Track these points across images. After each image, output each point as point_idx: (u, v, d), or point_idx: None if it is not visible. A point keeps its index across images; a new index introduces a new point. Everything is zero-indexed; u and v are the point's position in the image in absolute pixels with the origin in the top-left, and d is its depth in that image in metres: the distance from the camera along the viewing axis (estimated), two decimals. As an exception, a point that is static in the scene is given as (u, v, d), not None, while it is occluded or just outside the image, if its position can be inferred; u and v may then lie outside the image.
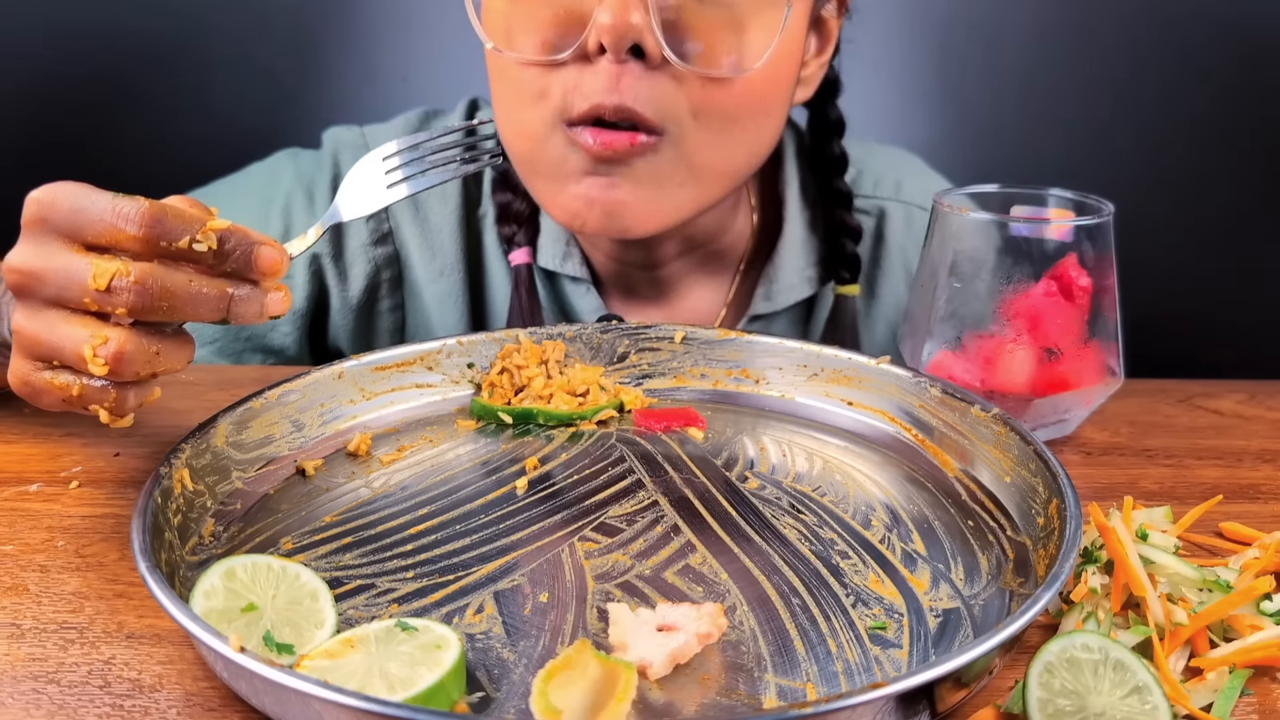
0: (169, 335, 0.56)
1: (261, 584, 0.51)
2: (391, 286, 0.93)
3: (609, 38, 0.69)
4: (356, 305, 0.93)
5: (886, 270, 0.96)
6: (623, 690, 0.44)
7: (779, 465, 0.68)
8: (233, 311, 0.55)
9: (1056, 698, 0.45)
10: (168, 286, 0.53)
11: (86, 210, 0.53)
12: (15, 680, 0.49)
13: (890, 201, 0.96)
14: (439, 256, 0.92)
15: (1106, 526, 0.54)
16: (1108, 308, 0.73)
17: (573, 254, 0.90)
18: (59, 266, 0.53)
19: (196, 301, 0.54)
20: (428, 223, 0.91)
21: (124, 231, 0.52)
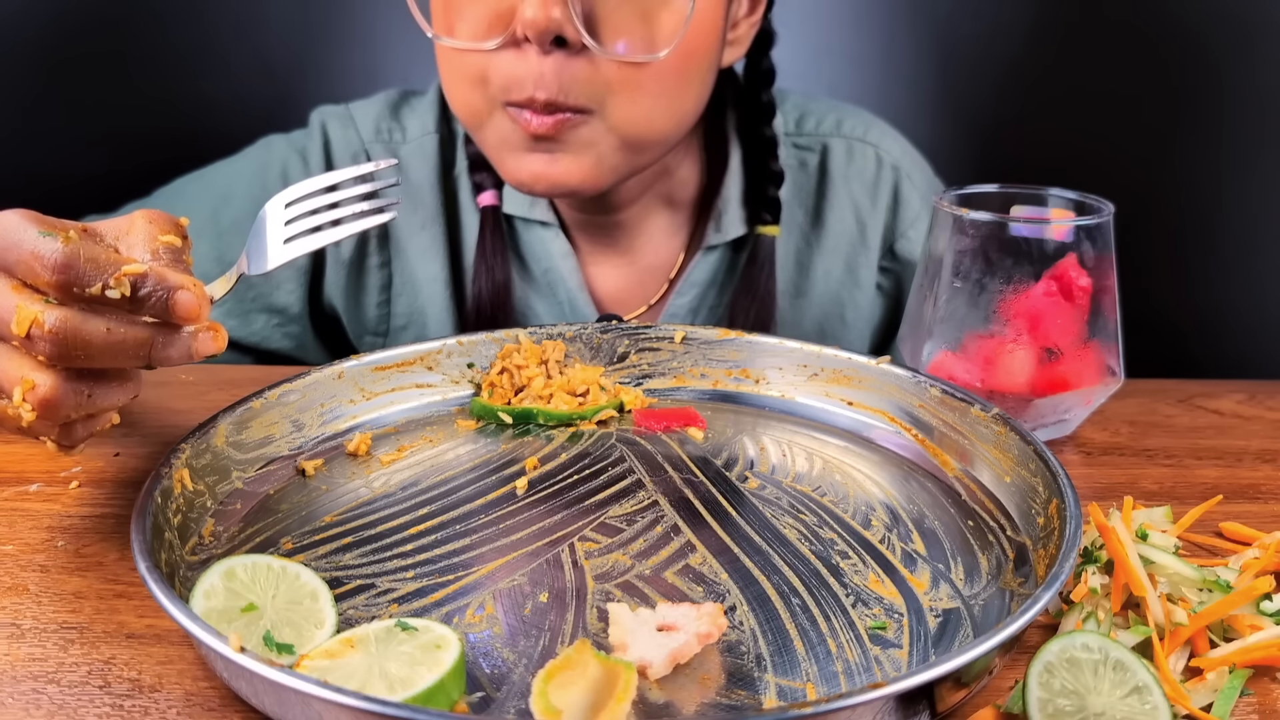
0: (104, 376, 0.54)
1: (261, 584, 0.51)
2: (379, 244, 0.97)
3: (533, 31, 0.75)
4: (348, 261, 0.97)
5: (833, 202, 1.00)
6: (623, 690, 0.44)
7: (779, 465, 0.68)
8: (155, 357, 0.53)
9: (1056, 698, 0.45)
10: (84, 336, 0.51)
11: (13, 249, 0.51)
12: (15, 680, 0.49)
13: (832, 137, 1.01)
14: (420, 210, 0.96)
15: (1106, 526, 0.54)
16: (1108, 308, 0.73)
17: (539, 201, 0.95)
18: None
19: (115, 350, 0.52)
20: (409, 180, 0.96)
21: (40, 275, 0.51)
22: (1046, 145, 1.31)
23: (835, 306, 1.01)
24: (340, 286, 0.97)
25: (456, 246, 0.97)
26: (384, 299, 0.98)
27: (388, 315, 0.98)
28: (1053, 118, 1.31)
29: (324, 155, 0.96)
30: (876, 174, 1.01)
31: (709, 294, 0.98)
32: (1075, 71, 1.30)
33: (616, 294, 0.98)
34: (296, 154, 0.96)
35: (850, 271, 1.00)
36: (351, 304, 0.98)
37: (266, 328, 0.96)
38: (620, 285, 0.98)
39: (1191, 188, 1.31)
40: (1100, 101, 1.30)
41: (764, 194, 0.96)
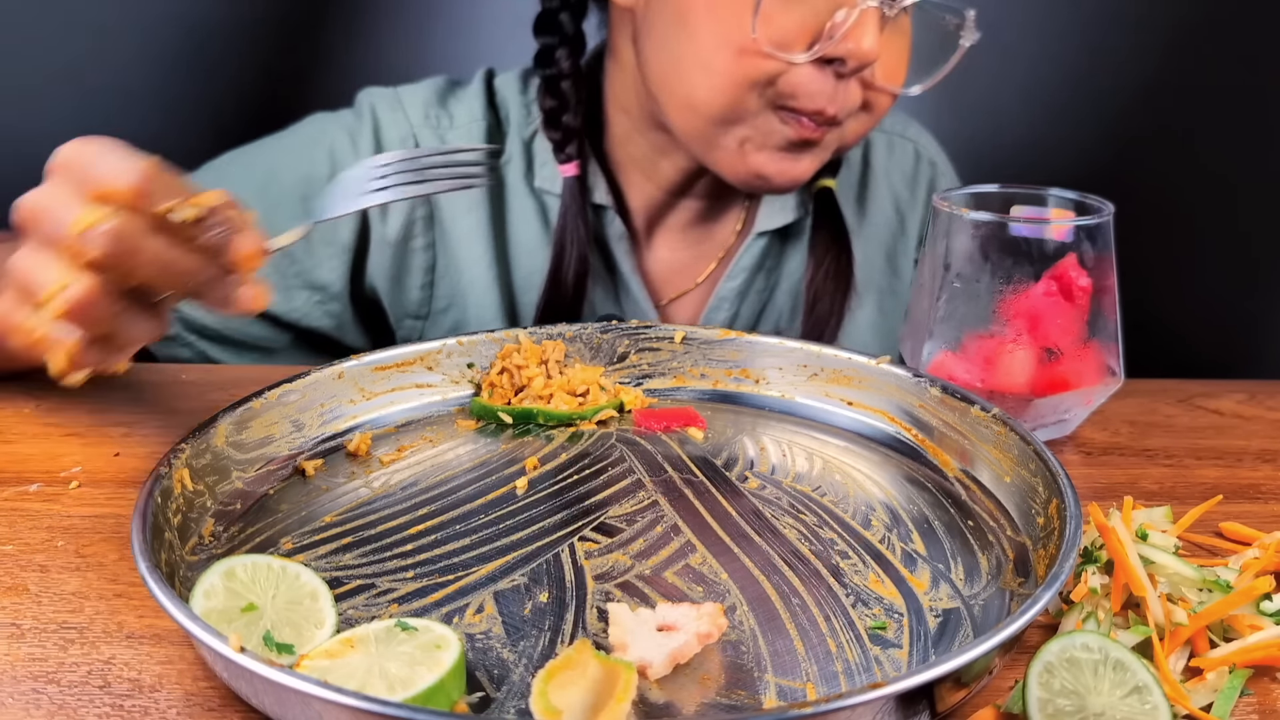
0: (139, 304, 0.56)
1: (261, 584, 0.51)
2: (425, 225, 0.97)
3: (857, 61, 0.79)
4: (394, 242, 0.96)
5: (874, 193, 1.04)
6: (623, 690, 0.44)
7: (779, 465, 0.68)
8: (199, 290, 0.55)
9: (1056, 698, 0.45)
10: (140, 245, 0.53)
11: (96, 165, 0.54)
12: (15, 680, 0.49)
13: (874, 132, 1.03)
14: (466, 194, 0.97)
15: (1106, 526, 0.54)
16: (1108, 308, 0.73)
17: (599, 183, 0.96)
18: (58, 208, 0.54)
19: (162, 268, 0.54)
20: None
21: (116, 186, 0.53)
22: (1046, 145, 1.31)
23: (876, 294, 1.03)
24: (384, 267, 0.97)
25: (501, 231, 0.98)
26: (427, 281, 0.98)
27: (430, 298, 0.98)
28: (1054, 118, 1.31)
29: (374, 138, 0.96)
30: (915, 168, 1.05)
31: (757, 279, 1.00)
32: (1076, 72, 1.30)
33: (668, 276, 1.00)
34: (346, 135, 0.96)
35: (889, 260, 1.03)
36: (394, 285, 0.98)
37: (307, 304, 0.96)
38: (673, 268, 1.01)
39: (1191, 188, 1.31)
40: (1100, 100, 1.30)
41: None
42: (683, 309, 1.01)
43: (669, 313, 1.01)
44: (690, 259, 1.01)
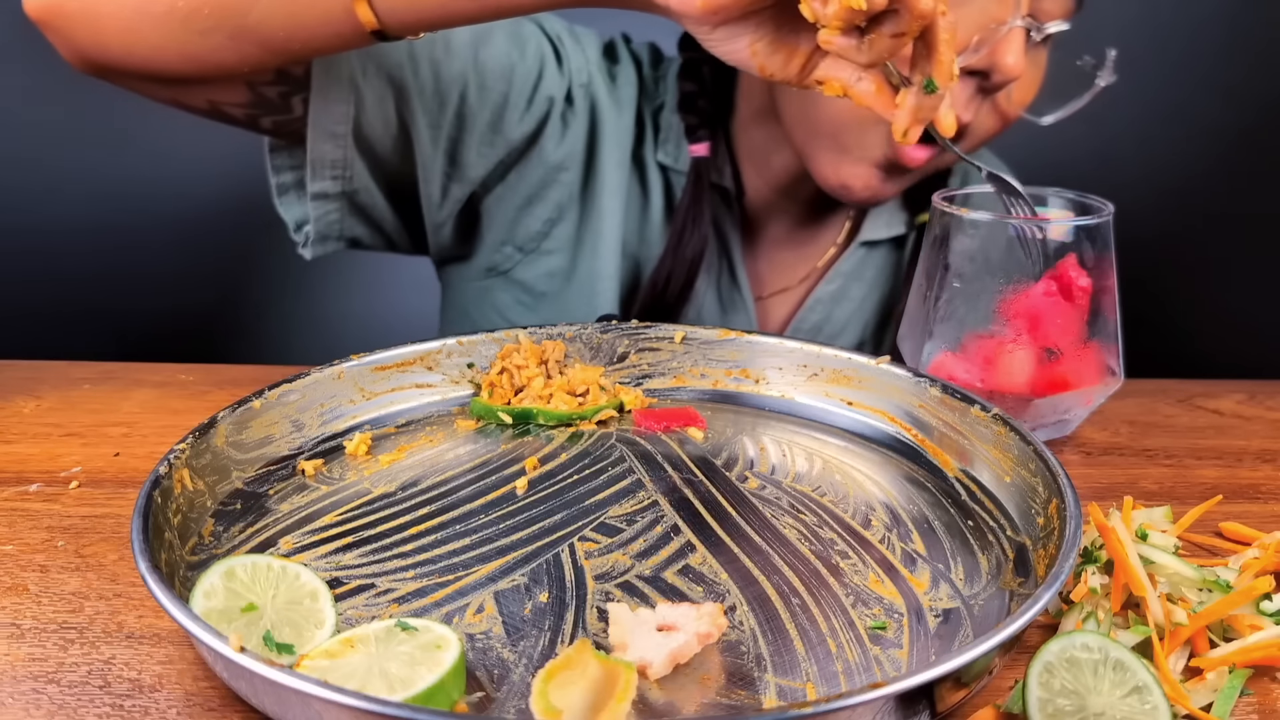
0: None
1: (261, 584, 0.51)
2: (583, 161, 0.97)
3: (1002, 76, 0.80)
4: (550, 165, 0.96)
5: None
6: (623, 690, 0.44)
7: (779, 465, 0.68)
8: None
9: (1056, 698, 0.45)
10: None
11: None
12: (15, 680, 0.49)
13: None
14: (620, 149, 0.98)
15: (1106, 526, 0.54)
16: (1108, 308, 0.73)
17: (727, 171, 0.97)
18: None
19: None
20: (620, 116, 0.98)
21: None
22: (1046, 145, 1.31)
23: None
24: (526, 184, 0.96)
25: (636, 197, 0.99)
26: (554, 217, 0.97)
27: (546, 235, 0.98)
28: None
29: (566, 64, 0.96)
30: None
31: (851, 286, 1.02)
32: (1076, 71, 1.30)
33: (770, 271, 1.02)
34: (550, 44, 0.95)
35: None
36: (524, 207, 0.97)
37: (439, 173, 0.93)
38: (776, 265, 1.02)
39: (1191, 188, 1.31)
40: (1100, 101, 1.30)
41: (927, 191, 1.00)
42: (778, 306, 1.03)
43: (765, 307, 1.02)
44: (793, 259, 1.02)
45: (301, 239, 0.91)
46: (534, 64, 0.93)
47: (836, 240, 1.03)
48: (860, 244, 1.01)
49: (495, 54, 0.91)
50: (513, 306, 1.00)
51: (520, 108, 0.92)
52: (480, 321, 1.02)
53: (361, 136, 0.88)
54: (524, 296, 0.99)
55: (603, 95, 0.96)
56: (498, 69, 0.91)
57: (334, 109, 0.84)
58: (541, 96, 0.93)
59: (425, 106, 0.89)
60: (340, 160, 0.87)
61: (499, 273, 0.99)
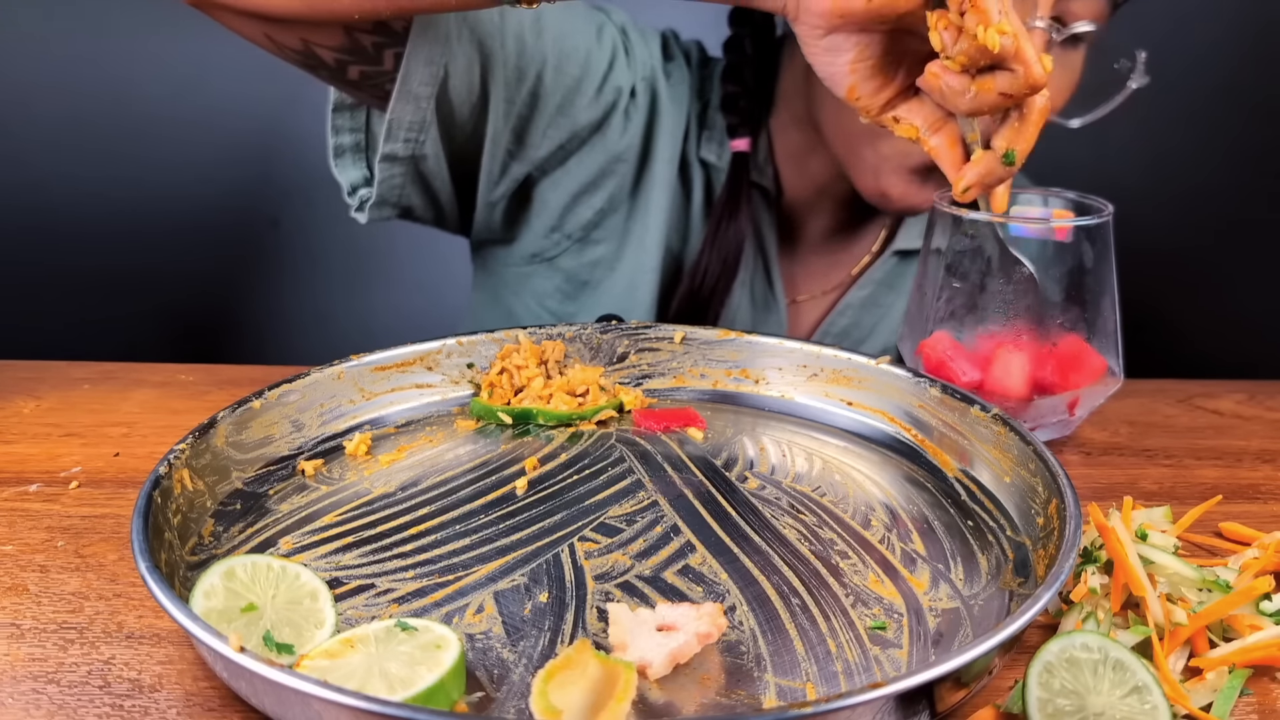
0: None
1: (261, 584, 0.51)
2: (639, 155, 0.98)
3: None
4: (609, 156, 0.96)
5: None
6: (623, 690, 0.44)
7: (779, 465, 0.68)
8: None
9: (1056, 698, 0.45)
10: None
11: None
12: (15, 680, 0.49)
13: None
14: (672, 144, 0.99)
15: (1106, 526, 0.54)
16: (1107, 308, 0.73)
17: (767, 171, 0.99)
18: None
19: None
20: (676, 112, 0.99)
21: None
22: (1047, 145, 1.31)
23: None
24: (584, 172, 0.97)
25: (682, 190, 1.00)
26: (605, 207, 0.98)
27: (595, 225, 0.98)
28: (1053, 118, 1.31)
29: (634, 57, 0.97)
30: None
31: (882, 294, 1.02)
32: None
33: (805, 274, 1.03)
34: (621, 36, 0.96)
35: None
36: (578, 194, 0.97)
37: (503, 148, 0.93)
38: (811, 268, 1.03)
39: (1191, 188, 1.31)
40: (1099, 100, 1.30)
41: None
42: (810, 311, 1.03)
43: (797, 311, 1.03)
44: (827, 265, 1.03)
45: (355, 202, 0.90)
46: (607, 53, 0.94)
47: (872, 248, 1.03)
48: (893, 253, 1.01)
49: (576, 39, 0.92)
50: (552, 294, 1.00)
51: (590, 94, 0.93)
52: (515, 307, 1.02)
53: (445, 100, 0.87)
54: (565, 285, 1.00)
55: (663, 91, 0.98)
56: (576, 53, 0.92)
57: (424, 70, 0.83)
58: (611, 86, 0.94)
59: (506, 79, 0.89)
60: (418, 123, 0.86)
61: (544, 259, 1.00)
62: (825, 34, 0.59)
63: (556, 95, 0.91)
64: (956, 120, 0.60)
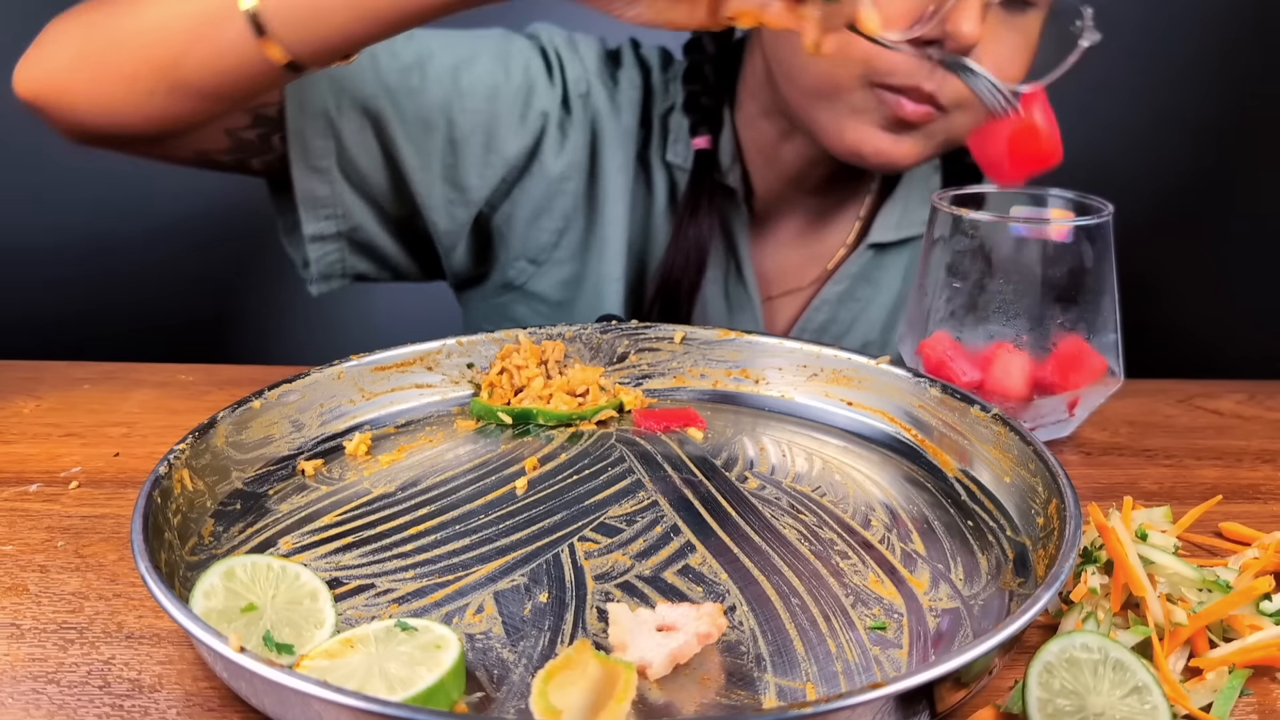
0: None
1: (261, 584, 0.51)
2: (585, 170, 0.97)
3: (957, 44, 0.78)
4: (553, 178, 0.96)
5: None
6: (623, 690, 0.44)
7: (779, 465, 0.68)
8: None
9: (1056, 698, 0.45)
10: None
11: None
12: (15, 680, 0.49)
13: None
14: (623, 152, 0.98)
15: (1106, 526, 0.54)
16: (1107, 308, 0.73)
17: (735, 169, 0.98)
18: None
19: None
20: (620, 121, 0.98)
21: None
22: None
23: None
24: (532, 198, 0.97)
25: (641, 197, 1.00)
26: (562, 227, 0.98)
27: (556, 245, 0.98)
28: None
29: (560, 74, 0.97)
30: None
31: (858, 288, 1.01)
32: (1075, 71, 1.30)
33: (779, 271, 1.02)
34: (541, 58, 0.96)
35: None
36: (531, 220, 0.98)
37: (440, 199, 0.94)
38: (784, 266, 1.02)
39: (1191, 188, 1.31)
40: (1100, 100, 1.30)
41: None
42: (785, 307, 1.03)
43: (772, 308, 1.02)
44: (802, 260, 1.02)
45: (308, 277, 0.93)
46: (521, 80, 0.94)
47: (846, 242, 1.03)
48: (868, 246, 1.01)
49: (478, 76, 0.92)
50: (531, 318, 1.00)
51: (513, 124, 0.93)
52: None
53: (350, 171, 0.89)
54: (540, 307, 1.00)
55: (602, 102, 0.97)
56: (482, 90, 0.92)
57: (313, 144, 0.86)
58: (534, 111, 0.94)
59: (409, 135, 0.89)
60: (329, 197, 0.89)
61: (515, 287, 1.00)
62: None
63: (478, 134, 0.92)
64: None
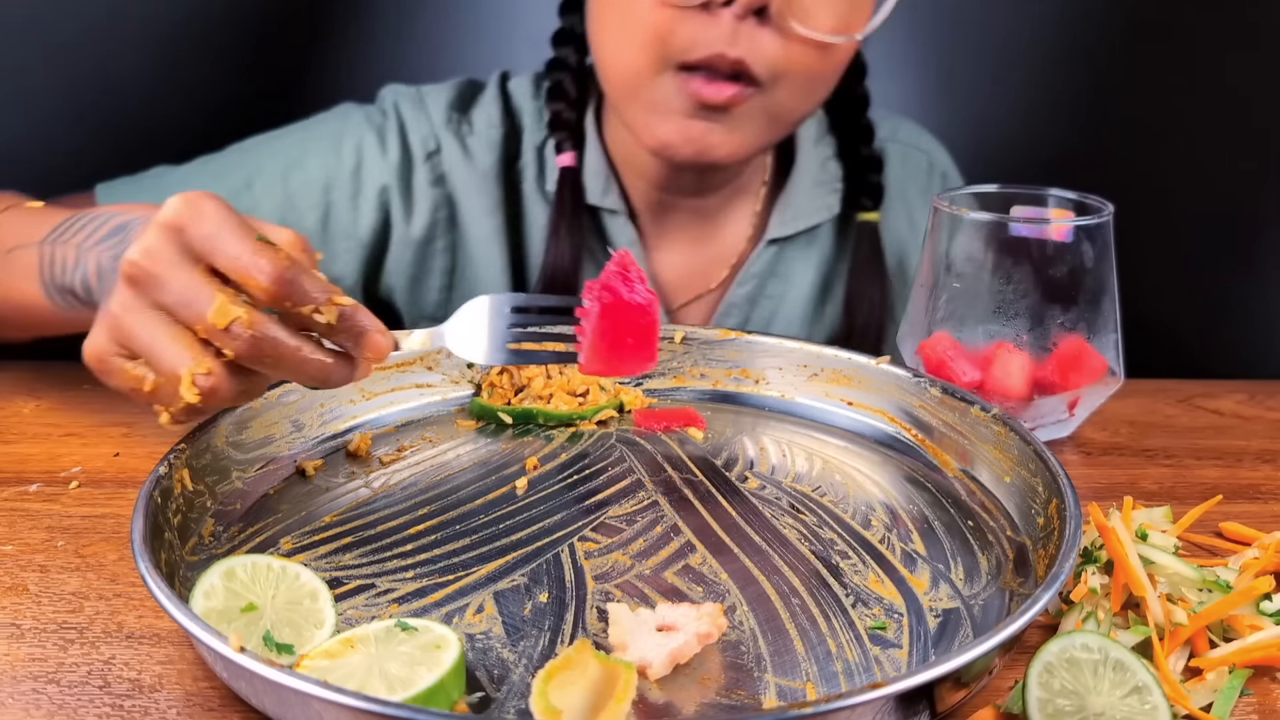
0: (257, 375, 0.56)
1: (261, 584, 0.51)
2: (446, 226, 0.97)
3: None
4: (416, 242, 0.96)
5: (886, 206, 1.02)
6: (623, 690, 0.44)
7: (779, 465, 0.68)
8: (328, 382, 0.56)
9: (1056, 698, 0.45)
10: (278, 348, 0.53)
11: (225, 242, 0.53)
12: (15, 680, 0.49)
13: (889, 143, 1.03)
14: (486, 196, 0.97)
15: (1106, 526, 0.54)
16: (1108, 308, 0.73)
17: (612, 189, 0.96)
18: (184, 284, 0.53)
19: (299, 367, 0.54)
20: (475, 167, 0.97)
21: (254, 280, 0.52)
22: (1046, 145, 1.31)
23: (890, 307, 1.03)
24: (404, 266, 0.97)
25: (518, 235, 0.98)
26: (446, 283, 0.98)
27: (448, 300, 0.98)
28: (1053, 117, 1.31)
29: (400, 137, 0.96)
30: (928, 180, 1.05)
31: (768, 284, 0.99)
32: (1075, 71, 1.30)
33: (680, 281, 1.00)
34: (374, 131, 0.96)
35: (902, 271, 1.03)
36: (413, 285, 0.98)
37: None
38: (684, 272, 1.00)
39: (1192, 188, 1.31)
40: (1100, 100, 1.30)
41: (863, 181, 0.98)
42: (694, 314, 1.01)
43: (680, 317, 1.01)
44: (702, 264, 1.00)
45: None
46: (352, 162, 0.94)
47: (748, 235, 1.00)
48: (769, 242, 0.98)
49: (309, 173, 0.93)
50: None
51: (351, 207, 0.93)
52: None
53: None
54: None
55: (453, 153, 0.96)
56: (317, 184, 0.93)
57: None
58: (370, 188, 0.93)
59: None
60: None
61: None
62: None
63: (317, 229, 0.92)
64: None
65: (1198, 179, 1.30)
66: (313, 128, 0.98)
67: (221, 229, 0.53)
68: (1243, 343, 1.32)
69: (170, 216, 0.54)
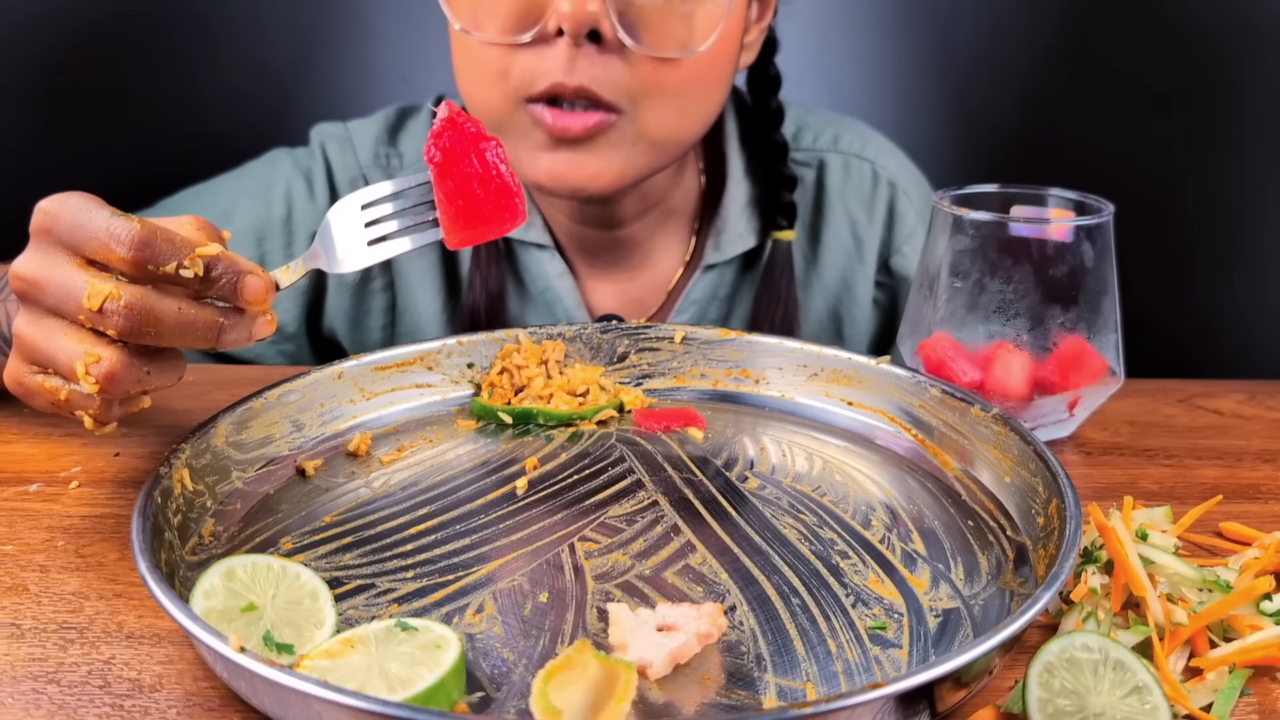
0: (161, 355, 0.56)
1: (261, 584, 0.51)
2: (382, 266, 0.97)
3: (568, 24, 0.74)
4: (352, 285, 0.97)
5: (829, 218, 1.00)
6: (623, 690, 0.44)
7: (779, 465, 0.68)
8: (221, 340, 0.56)
9: (1056, 698, 0.45)
10: (156, 313, 0.53)
11: (85, 226, 0.54)
12: (15, 680, 0.49)
13: (829, 153, 1.01)
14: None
15: (1106, 526, 0.54)
16: (1108, 308, 0.73)
17: (535, 222, 0.94)
18: (59, 280, 0.54)
19: (184, 329, 0.54)
20: None
21: (114, 252, 0.53)
22: (1046, 145, 1.31)
23: (832, 321, 1.02)
24: (343, 310, 0.97)
25: (453, 269, 0.98)
26: (387, 321, 0.98)
27: (392, 337, 0.99)
28: (1053, 117, 1.31)
29: (327, 180, 0.96)
30: (873, 190, 1.01)
31: (709, 308, 0.98)
32: (1075, 71, 1.30)
33: (616, 309, 0.98)
34: (301, 175, 0.96)
35: (847, 287, 1.01)
36: (354, 327, 0.98)
37: (261, 344, 0.96)
38: (619, 302, 0.98)
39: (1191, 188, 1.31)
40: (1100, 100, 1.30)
41: (776, 200, 0.96)
42: None
43: None
44: (637, 292, 0.98)
45: None
46: (281, 209, 0.94)
47: (683, 261, 0.98)
48: (705, 268, 0.96)
49: (240, 225, 0.93)
50: None
51: (283, 256, 0.93)
52: None
53: None
54: None
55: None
56: (249, 236, 0.93)
57: None
58: (300, 234, 0.94)
59: None
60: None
61: None
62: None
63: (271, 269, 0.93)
64: None
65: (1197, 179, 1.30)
66: (241, 177, 0.98)
67: (80, 216, 0.54)
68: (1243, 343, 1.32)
69: (38, 222, 0.55)
